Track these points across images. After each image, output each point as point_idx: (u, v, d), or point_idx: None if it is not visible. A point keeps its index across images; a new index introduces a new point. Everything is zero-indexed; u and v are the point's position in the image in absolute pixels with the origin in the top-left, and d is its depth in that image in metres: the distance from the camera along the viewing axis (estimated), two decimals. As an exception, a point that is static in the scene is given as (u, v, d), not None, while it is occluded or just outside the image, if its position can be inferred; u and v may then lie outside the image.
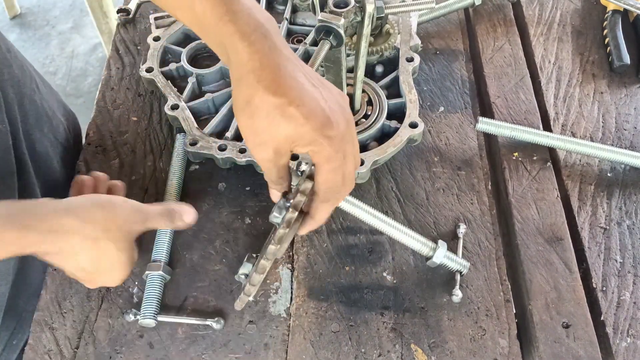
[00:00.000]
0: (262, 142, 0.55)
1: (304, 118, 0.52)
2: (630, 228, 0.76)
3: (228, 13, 0.54)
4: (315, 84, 0.56)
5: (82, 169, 0.85)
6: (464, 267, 0.71)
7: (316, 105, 0.53)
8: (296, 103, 0.52)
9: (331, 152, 0.54)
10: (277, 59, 0.54)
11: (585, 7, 1.02)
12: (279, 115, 0.52)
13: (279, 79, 0.53)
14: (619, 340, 0.68)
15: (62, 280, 0.75)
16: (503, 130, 0.83)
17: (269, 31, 0.55)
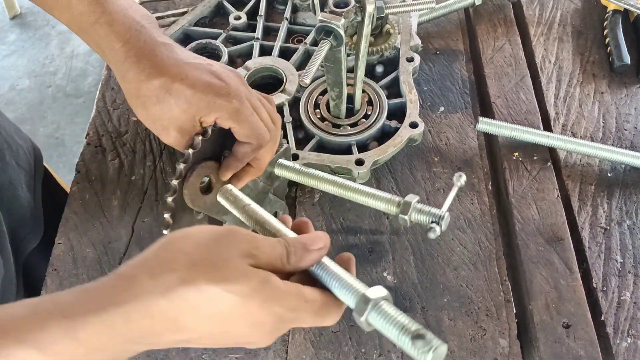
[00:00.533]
0: (164, 127, 0.56)
1: (191, 88, 0.54)
2: (630, 228, 0.76)
3: (104, 15, 0.56)
4: (197, 57, 0.58)
5: (82, 169, 0.85)
6: (440, 218, 0.56)
7: (200, 73, 0.55)
8: (179, 77, 0.54)
9: (233, 107, 0.55)
10: (153, 47, 0.56)
11: (585, 7, 1.02)
12: (167, 95, 0.54)
13: (158, 63, 0.55)
14: (619, 340, 0.68)
15: (62, 280, 0.75)
16: (503, 131, 0.83)
17: (143, 27, 0.57)
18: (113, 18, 0.56)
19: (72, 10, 0.57)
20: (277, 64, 0.86)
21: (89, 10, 0.56)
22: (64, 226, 0.79)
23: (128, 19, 0.57)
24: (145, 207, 0.81)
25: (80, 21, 0.57)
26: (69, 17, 0.58)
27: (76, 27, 0.59)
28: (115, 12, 0.56)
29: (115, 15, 0.56)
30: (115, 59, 0.56)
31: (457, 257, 0.75)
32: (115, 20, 0.56)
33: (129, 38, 0.56)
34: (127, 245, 0.77)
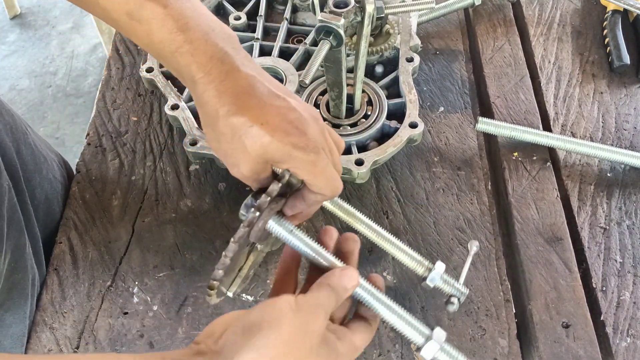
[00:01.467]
0: (235, 164, 0.54)
1: (270, 135, 0.51)
2: (630, 228, 0.76)
3: (185, 44, 0.53)
4: (280, 95, 0.54)
5: (82, 169, 0.85)
6: (461, 294, 0.59)
7: (282, 119, 0.52)
8: (260, 121, 0.51)
9: (309, 160, 0.52)
10: (236, 81, 0.53)
11: (585, 7, 1.03)
12: (243, 136, 0.52)
13: (238, 101, 0.52)
14: (618, 340, 0.68)
15: (62, 280, 0.75)
16: (503, 130, 0.83)
17: (227, 54, 0.54)
18: (194, 47, 0.53)
19: (152, 38, 0.54)
20: (277, 64, 0.86)
21: (170, 39, 0.54)
22: (64, 226, 0.79)
23: (210, 46, 0.54)
24: (145, 207, 0.81)
25: (160, 49, 0.55)
26: (149, 43, 0.56)
27: (155, 54, 0.56)
28: (196, 40, 0.53)
29: (197, 43, 0.53)
30: (194, 88, 0.54)
31: (456, 257, 0.75)
32: (197, 49, 0.53)
33: (211, 69, 0.53)
34: (127, 245, 0.77)
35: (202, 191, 0.82)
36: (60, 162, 0.90)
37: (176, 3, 0.54)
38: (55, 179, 0.84)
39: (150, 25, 0.54)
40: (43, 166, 0.82)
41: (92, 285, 0.74)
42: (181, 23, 0.54)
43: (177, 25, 0.53)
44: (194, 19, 0.54)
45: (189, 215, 0.80)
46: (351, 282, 0.53)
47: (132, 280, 0.74)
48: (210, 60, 0.53)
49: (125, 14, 0.54)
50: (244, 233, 0.53)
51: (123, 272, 0.75)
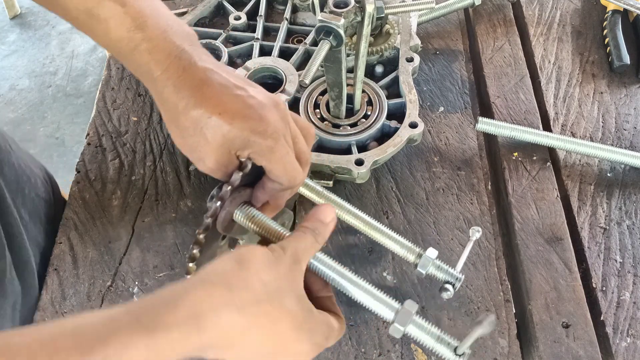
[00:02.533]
0: (200, 158, 0.54)
1: (229, 123, 0.52)
2: (630, 228, 0.76)
3: (143, 41, 0.54)
4: (239, 84, 0.55)
5: (82, 169, 0.85)
6: (456, 279, 0.58)
7: (240, 107, 0.53)
8: (218, 111, 0.52)
9: (267, 145, 0.53)
10: (193, 74, 0.54)
11: (585, 7, 1.03)
12: (203, 128, 0.52)
13: (196, 93, 0.53)
14: (618, 340, 0.68)
15: (62, 280, 0.75)
16: (503, 131, 0.83)
17: (184, 51, 0.54)
18: (153, 45, 0.54)
19: (111, 36, 0.55)
20: (277, 64, 0.86)
21: (128, 37, 0.54)
22: (64, 226, 0.79)
23: (168, 44, 0.54)
24: (145, 207, 0.81)
25: (119, 47, 0.55)
26: (107, 42, 0.56)
27: (114, 52, 0.57)
28: (155, 38, 0.54)
29: (155, 41, 0.54)
30: (154, 86, 0.55)
31: (456, 257, 0.75)
32: (155, 47, 0.54)
33: (169, 65, 0.54)
34: (127, 245, 0.77)
35: (202, 191, 0.82)
36: (45, 177, 0.89)
37: (135, 2, 0.55)
38: (38, 196, 0.83)
39: (108, 23, 0.54)
40: (26, 185, 0.80)
41: (92, 285, 0.74)
42: (139, 21, 0.54)
43: (135, 23, 0.54)
44: (152, 17, 0.55)
45: (189, 215, 0.80)
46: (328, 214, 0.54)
47: (132, 280, 0.74)
48: (168, 57, 0.54)
49: (84, 12, 0.55)
50: (208, 224, 0.53)
51: (123, 272, 0.75)
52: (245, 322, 0.44)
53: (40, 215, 0.82)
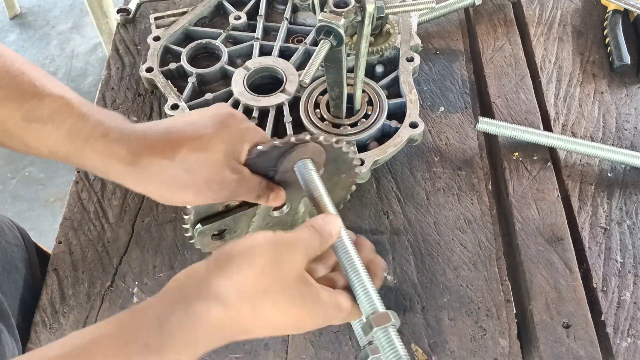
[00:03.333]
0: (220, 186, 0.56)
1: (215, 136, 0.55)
2: (630, 228, 0.76)
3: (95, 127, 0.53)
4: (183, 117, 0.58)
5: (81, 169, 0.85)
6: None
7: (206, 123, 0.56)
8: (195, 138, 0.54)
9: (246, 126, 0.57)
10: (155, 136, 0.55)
11: (585, 7, 1.02)
12: (201, 152, 0.54)
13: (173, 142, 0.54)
14: (619, 340, 0.68)
15: (61, 280, 0.75)
16: (503, 130, 0.83)
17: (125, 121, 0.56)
18: (105, 127, 0.53)
19: (58, 134, 0.52)
20: (277, 64, 0.86)
21: (78, 127, 0.52)
22: (64, 226, 0.79)
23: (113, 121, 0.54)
24: (145, 207, 0.81)
25: (69, 142, 0.53)
26: (53, 142, 0.53)
27: (63, 152, 0.54)
28: (102, 121, 0.53)
29: (106, 124, 0.53)
30: (124, 169, 0.54)
31: (457, 257, 0.75)
32: (109, 129, 0.53)
33: (129, 139, 0.53)
34: (126, 245, 0.77)
35: (202, 191, 0.82)
36: (10, 223, 0.84)
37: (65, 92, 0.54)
38: (9, 243, 0.79)
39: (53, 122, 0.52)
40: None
41: (91, 285, 0.74)
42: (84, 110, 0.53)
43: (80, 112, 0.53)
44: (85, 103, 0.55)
45: (189, 215, 0.80)
46: (335, 228, 0.54)
47: (131, 280, 0.74)
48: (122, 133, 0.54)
49: (21, 119, 0.52)
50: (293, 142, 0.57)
51: (123, 272, 0.75)
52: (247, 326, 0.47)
53: (16, 262, 0.78)
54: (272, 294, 0.47)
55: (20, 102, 0.51)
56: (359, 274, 0.52)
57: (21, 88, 0.51)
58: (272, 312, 0.47)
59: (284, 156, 0.59)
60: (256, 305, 0.46)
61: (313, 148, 0.60)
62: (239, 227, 0.64)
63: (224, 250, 0.48)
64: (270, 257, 0.47)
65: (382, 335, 0.48)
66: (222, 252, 0.48)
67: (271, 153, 0.58)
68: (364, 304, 0.51)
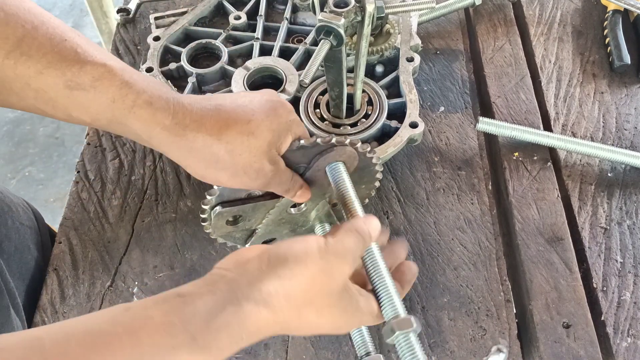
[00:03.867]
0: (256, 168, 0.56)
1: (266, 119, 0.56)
2: (630, 228, 0.76)
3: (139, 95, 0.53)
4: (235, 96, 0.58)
5: (82, 169, 0.85)
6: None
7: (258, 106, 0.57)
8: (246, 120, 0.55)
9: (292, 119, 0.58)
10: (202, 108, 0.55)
11: (585, 7, 1.02)
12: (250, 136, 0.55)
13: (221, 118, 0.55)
14: (619, 340, 0.68)
15: (61, 280, 0.75)
16: (503, 130, 0.83)
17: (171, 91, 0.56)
18: (150, 95, 0.52)
19: (101, 101, 0.52)
20: (277, 64, 0.86)
21: (121, 95, 0.52)
22: (64, 226, 0.79)
23: (158, 90, 0.54)
24: (145, 207, 0.81)
25: (113, 110, 0.52)
26: (96, 110, 0.52)
27: (106, 120, 0.53)
28: (146, 89, 0.53)
29: (149, 91, 0.53)
30: (167, 138, 0.53)
31: (457, 257, 0.75)
32: (153, 97, 0.53)
33: (174, 108, 0.53)
34: (127, 245, 0.77)
35: (202, 191, 0.82)
36: (25, 205, 0.85)
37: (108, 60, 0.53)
38: (23, 225, 0.80)
39: (96, 88, 0.51)
40: (7, 216, 0.77)
41: (92, 285, 0.74)
42: (126, 77, 0.53)
43: (123, 80, 0.52)
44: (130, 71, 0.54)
45: (189, 215, 0.80)
46: (375, 230, 0.53)
47: (132, 280, 0.74)
48: (168, 102, 0.54)
49: (65, 86, 0.51)
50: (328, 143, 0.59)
51: (123, 272, 0.75)
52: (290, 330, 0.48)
53: (29, 243, 0.79)
54: (319, 303, 0.47)
55: (63, 69, 0.50)
56: (382, 276, 0.53)
57: (63, 55, 0.50)
58: (315, 319, 0.48)
59: (320, 155, 0.60)
60: (301, 312, 0.47)
61: (349, 153, 0.61)
62: (255, 216, 0.65)
63: (278, 251, 0.47)
64: (322, 267, 0.47)
65: (403, 340, 0.49)
66: (276, 253, 0.47)
67: (310, 150, 0.59)
68: (386, 307, 0.51)
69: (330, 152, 0.59)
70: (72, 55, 0.51)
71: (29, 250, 0.78)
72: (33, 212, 0.86)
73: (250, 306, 0.44)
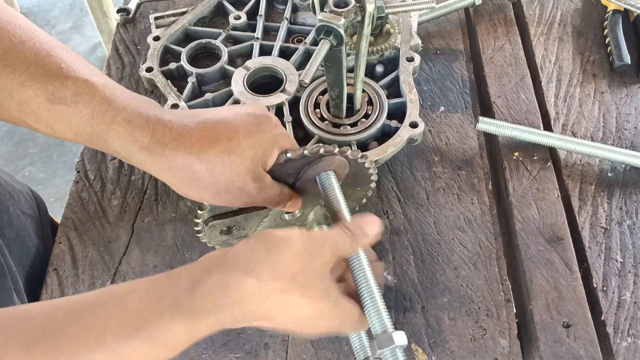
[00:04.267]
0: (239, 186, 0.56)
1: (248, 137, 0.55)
2: (630, 228, 0.76)
3: (119, 112, 0.53)
4: (219, 112, 0.58)
5: (82, 169, 0.85)
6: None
7: (241, 121, 0.56)
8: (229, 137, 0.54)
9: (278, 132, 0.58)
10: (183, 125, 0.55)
11: (585, 7, 1.02)
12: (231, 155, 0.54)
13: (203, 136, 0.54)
14: (619, 339, 0.68)
15: (61, 280, 0.75)
16: (503, 130, 0.83)
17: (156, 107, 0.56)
18: (129, 113, 0.53)
19: (81, 116, 0.52)
20: (277, 64, 0.86)
21: (101, 111, 0.52)
22: (64, 226, 0.79)
23: (139, 107, 0.54)
24: (145, 207, 0.81)
25: (93, 125, 0.53)
26: (77, 125, 0.53)
27: (87, 135, 0.54)
28: (127, 105, 0.53)
29: (130, 108, 0.53)
30: (146, 157, 0.53)
31: (457, 257, 0.75)
32: (132, 115, 0.53)
33: (154, 127, 0.53)
34: (126, 245, 0.77)
35: (202, 191, 0.82)
36: (28, 193, 0.86)
37: (93, 76, 0.54)
38: (24, 213, 0.81)
39: (77, 103, 0.52)
40: (10, 203, 0.78)
41: (92, 285, 0.74)
42: (107, 93, 0.53)
43: (104, 95, 0.53)
44: (114, 87, 0.55)
45: (189, 215, 0.80)
46: (373, 229, 0.54)
47: (132, 280, 0.74)
48: (148, 120, 0.54)
49: (46, 99, 0.52)
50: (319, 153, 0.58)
51: (123, 272, 0.75)
52: (272, 307, 0.47)
53: (29, 231, 0.80)
54: (302, 280, 0.47)
55: (45, 83, 0.51)
56: (371, 289, 0.53)
57: (46, 69, 0.52)
58: (297, 300, 0.48)
59: (309, 165, 0.59)
60: (286, 286, 0.47)
61: (339, 161, 0.60)
62: (248, 225, 0.65)
63: (262, 233, 0.49)
64: (304, 247, 0.48)
65: (390, 356, 0.50)
66: (260, 234, 0.49)
67: (298, 161, 0.59)
68: (374, 321, 0.51)
69: (319, 162, 0.59)
70: (55, 69, 0.52)
71: (30, 238, 0.79)
72: (36, 202, 0.87)
73: (234, 274, 0.45)
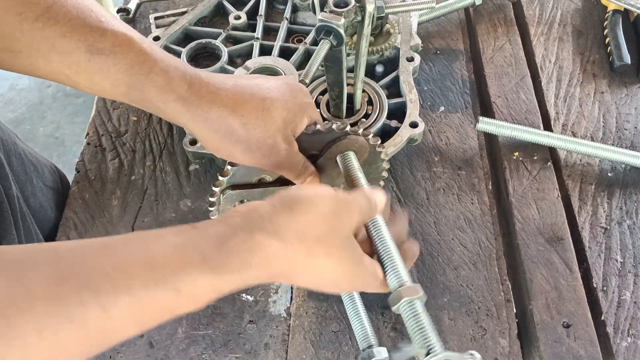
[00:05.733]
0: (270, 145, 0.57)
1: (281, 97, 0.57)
2: (630, 228, 0.76)
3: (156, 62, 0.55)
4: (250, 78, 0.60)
5: (82, 169, 0.85)
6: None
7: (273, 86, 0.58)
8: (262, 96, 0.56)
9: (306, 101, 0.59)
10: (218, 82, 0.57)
11: (585, 7, 1.02)
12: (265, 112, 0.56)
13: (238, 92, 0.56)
14: (619, 339, 0.68)
15: (62, 280, 0.75)
16: (503, 130, 0.83)
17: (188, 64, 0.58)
18: (166, 64, 0.55)
19: (120, 66, 0.54)
20: (277, 64, 0.86)
21: (139, 61, 0.54)
22: (64, 226, 0.79)
23: (176, 61, 0.56)
24: (145, 207, 0.81)
25: (131, 75, 0.54)
26: (115, 75, 0.54)
27: (125, 85, 0.55)
28: (164, 57, 0.55)
29: (167, 60, 0.55)
30: (182, 107, 0.55)
31: (457, 257, 0.75)
32: (169, 66, 0.55)
33: (191, 79, 0.55)
34: (127, 245, 0.77)
35: (202, 191, 0.82)
36: (52, 167, 0.90)
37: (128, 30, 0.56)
38: (47, 186, 0.84)
39: (116, 53, 0.54)
40: (34, 175, 0.81)
41: (91, 285, 0.74)
42: (145, 44, 0.55)
43: (142, 46, 0.55)
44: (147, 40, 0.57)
45: (189, 215, 0.80)
46: (382, 200, 0.55)
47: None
48: (185, 73, 0.56)
49: (86, 50, 0.54)
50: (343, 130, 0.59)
51: (123, 272, 0.75)
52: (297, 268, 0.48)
53: (51, 204, 0.83)
54: (327, 242, 0.48)
55: (85, 34, 0.53)
56: (387, 246, 0.53)
57: (87, 22, 0.54)
58: (323, 260, 0.48)
59: (334, 142, 0.60)
60: (310, 248, 0.47)
61: (361, 142, 0.61)
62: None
63: (289, 193, 0.49)
64: (331, 209, 0.49)
65: (408, 308, 0.49)
66: (288, 194, 0.49)
67: (324, 136, 0.60)
68: (391, 276, 0.51)
69: (344, 139, 0.60)
70: (95, 23, 0.54)
71: (51, 210, 0.83)
72: (60, 176, 0.91)
73: (261, 235, 0.45)
